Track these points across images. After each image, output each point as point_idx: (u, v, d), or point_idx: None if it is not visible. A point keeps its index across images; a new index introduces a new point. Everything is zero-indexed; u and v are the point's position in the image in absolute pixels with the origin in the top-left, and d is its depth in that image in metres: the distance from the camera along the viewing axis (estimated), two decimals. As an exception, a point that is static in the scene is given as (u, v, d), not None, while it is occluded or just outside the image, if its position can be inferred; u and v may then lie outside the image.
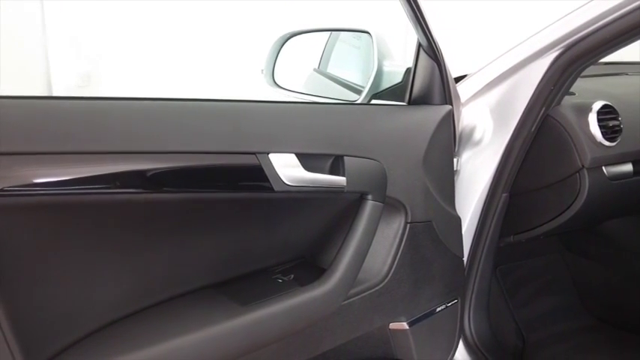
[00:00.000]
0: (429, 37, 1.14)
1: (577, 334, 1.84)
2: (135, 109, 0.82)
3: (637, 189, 1.44)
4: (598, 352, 1.74)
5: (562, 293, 1.99)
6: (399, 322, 1.21)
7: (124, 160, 0.78)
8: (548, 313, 1.91)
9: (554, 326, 1.87)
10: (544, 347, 1.77)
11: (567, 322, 1.90)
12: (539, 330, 1.84)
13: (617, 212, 1.69)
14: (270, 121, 0.95)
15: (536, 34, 1.25)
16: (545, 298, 1.95)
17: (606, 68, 1.72)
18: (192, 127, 0.85)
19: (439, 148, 1.20)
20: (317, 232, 1.10)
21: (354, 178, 1.00)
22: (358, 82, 1.50)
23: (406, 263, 1.16)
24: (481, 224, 1.40)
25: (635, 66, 1.89)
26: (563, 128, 1.31)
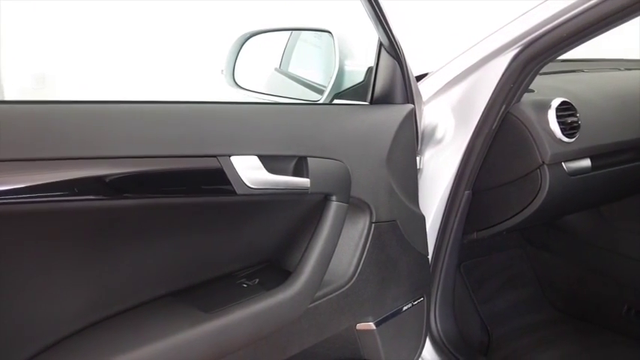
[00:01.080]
0: (389, 35, 1.13)
1: (540, 327, 1.88)
2: (89, 112, 0.79)
3: (595, 184, 1.47)
4: (560, 343, 1.77)
5: (525, 287, 2.02)
6: (365, 322, 1.20)
7: (80, 166, 0.75)
8: (512, 307, 1.94)
9: (518, 320, 1.90)
10: (509, 341, 1.80)
11: (531, 315, 1.93)
12: (503, 324, 1.87)
13: (577, 207, 1.73)
14: (232, 123, 0.93)
15: (494, 33, 1.26)
16: (508, 292, 1.98)
17: (563, 65, 1.76)
18: (150, 130, 0.82)
19: (402, 147, 1.20)
20: (281, 234, 1.08)
21: (318, 179, 0.99)
22: (320, 81, 1.48)
23: (372, 263, 1.16)
24: (445, 222, 1.41)
25: (591, 63, 1.94)
26: (523, 125, 1.32)
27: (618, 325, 1.82)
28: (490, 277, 1.98)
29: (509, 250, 2.06)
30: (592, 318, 1.89)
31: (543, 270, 2.04)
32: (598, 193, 1.63)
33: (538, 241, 2.05)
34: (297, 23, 1.73)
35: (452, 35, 2.82)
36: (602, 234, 1.87)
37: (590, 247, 1.90)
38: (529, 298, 2.00)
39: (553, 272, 2.02)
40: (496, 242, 1.99)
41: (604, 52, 1.96)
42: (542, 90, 1.43)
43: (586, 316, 1.91)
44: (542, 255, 2.05)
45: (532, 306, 1.98)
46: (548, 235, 2.01)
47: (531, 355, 1.72)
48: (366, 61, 1.29)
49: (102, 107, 0.81)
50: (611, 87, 1.60)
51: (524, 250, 2.08)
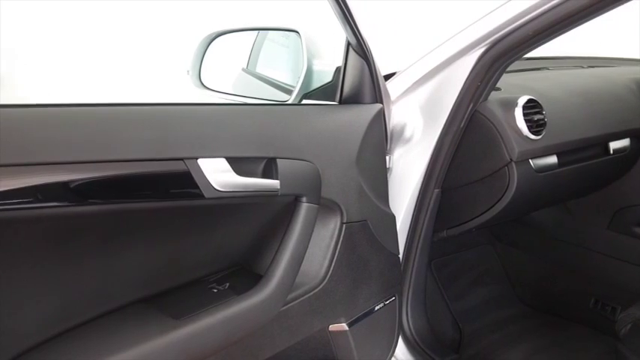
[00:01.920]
0: (357, 35, 1.13)
1: (510, 322, 1.90)
2: (50, 115, 0.77)
3: (562, 180, 1.49)
4: (530, 338, 1.79)
5: (494, 283, 2.04)
6: (338, 323, 1.20)
7: (43, 172, 0.72)
8: (482, 303, 1.97)
9: (488, 316, 1.92)
10: (479, 337, 1.82)
11: (501, 311, 1.96)
12: (474, 320, 1.89)
13: (544, 203, 1.75)
14: (198, 125, 0.91)
15: (461, 32, 1.27)
16: (478, 288, 2.00)
17: (528, 63, 1.78)
18: (114, 134, 0.80)
19: (371, 146, 1.20)
20: (252, 237, 1.07)
21: (288, 180, 0.98)
22: (288, 81, 1.47)
23: (343, 264, 1.15)
24: (415, 220, 1.42)
25: (555, 61, 1.97)
26: (491, 123, 1.33)
27: (586, 318, 1.85)
28: (460, 274, 1.99)
29: (479, 246, 2.08)
30: (560, 312, 1.92)
31: (512, 266, 2.07)
32: (564, 189, 1.65)
33: (506, 237, 2.08)
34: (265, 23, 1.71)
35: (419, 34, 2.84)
36: (568, 229, 1.90)
37: (558, 243, 1.93)
38: (499, 294, 2.02)
39: (521, 268, 2.05)
40: (465, 239, 2.01)
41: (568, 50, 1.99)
42: (509, 88, 1.45)
43: (554, 310, 1.94)
44: (510, 251, 2.08)
45: (502, 302, 2.00)
46: (516, 232, 2.04)
47: (502, 350, 1.74)
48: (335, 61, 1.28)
49: (62, 111, 0.78)
50: (575, 84, 1.63)
51: (493, 246, 2.11)
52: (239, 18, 3.32)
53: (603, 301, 1.82)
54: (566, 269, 1.93)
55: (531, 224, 1.97)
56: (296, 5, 3.55)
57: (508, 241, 2.08)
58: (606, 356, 1.64)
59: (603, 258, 1.81)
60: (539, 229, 1.97)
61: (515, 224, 2.01)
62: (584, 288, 1.87)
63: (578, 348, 1.72)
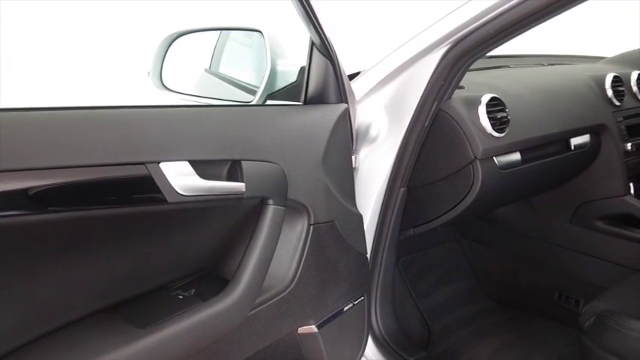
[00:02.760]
0: (321, 35, 1.12)
1: (477, 317, 1.92)
2: (4, 120, 0.73)
3: (525, 176, 1.51)
4: (497, 333, 1.82)
5: (461, 279, 2.06)
6: (307, 325, 1.19)
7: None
8: (450, 299, 1.98)
9: (456, 312, 1.94)
10: (448, 334, 1.83)
11: (468, 306, 1.98)
12: (442, 317, 1.90)
13: (509, 199, 1.78)
14: (160, 128, 0.89)
15: (424, 31, 1.27)
16: (445, 285, 2.02)
17: (490, 61, 1.80)
18: (72, 139, 0.77)
19: (337, 147, 1.19)
20: (218, 242, 1.05)
21: (254, 182, 0.96)
22: (252, 82, 1.46)
23: (311, 266, 1.14)
24: (382, 219, 1.42)
25: (516, 59, 2.00)
26: (455, 122, 1.34)
27: (551, 311, 1.89)
28: (427, 271, 2.01)
29: (445, 243, 2.10)
30: (526, 306, 1.95)
31: (478, 262, 2.09)
32: (528, 186, 1.68)
33: (472, 233, 2.10)
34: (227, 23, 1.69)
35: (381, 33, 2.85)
36: (532, 224, 1.93)
37: (522, 238, 1.96)
38: (466, 290, 2.05)
39: (487, 263, 2.07)
40: (432, 237, 2.03)
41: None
42: (472, 86, 1.46)
43: (520, 304, 1.97)
44: (476, 247, 2.10)
45: (469, 297, 2.03)
46: (481, 228, 2.06)
47: (470, 345, 1.76)
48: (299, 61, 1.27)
49: (18, 115, 0.75)
50: (536, 82, 1.65)
51: (459, 243, 2.13)
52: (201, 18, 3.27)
53: (567, 295, 1.85)
54: (531, 264, 1.96)
55: (496, 220, 2.00)
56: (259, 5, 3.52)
57: (473, 237, 2.10)
58: (571, 348, 1.67)
59: (566, 252, 1.85)
60: (504, 225, 1.99)
61: (480, 221, 2.04)
62: (548, 282, 1.91)
63: (543, 341, 1.75)
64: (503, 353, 1.71)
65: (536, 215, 1.92)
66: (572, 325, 1.67)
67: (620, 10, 3.16)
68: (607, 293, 1.31)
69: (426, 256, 2.02)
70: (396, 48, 1.34)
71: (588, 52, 2.37)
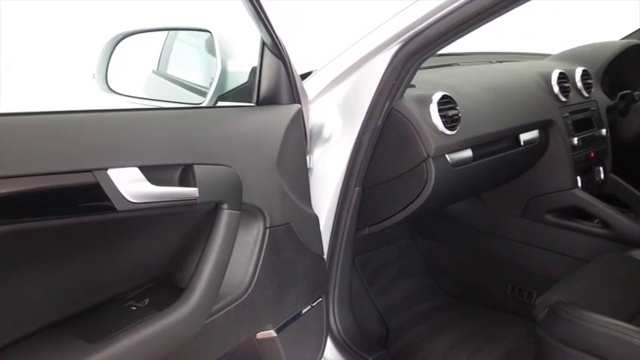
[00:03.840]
0: (272, 35, 1.10)
1: (434, 313, 1.94)
2: None
3: (477, 173, 1.54)
4: (453, 327, 1.84)
5: (417, 276, 2.08)
6: (265, 330, 1.17)
7: None
8: (407, 296, 2.00)
9: (413, 309, 1.95)
10: (405, 330, 1.84)
11: (424, 302, 2.00)
12: (400, 314, 1.91)
13: (461, 195, 1.80)
14: (107, 133, 0.85)
15: (375, 30, 1.27)
16: (402, 282, 2.03)
17: (440, 60, 1.82)
18: (14, 146, 0.73)
19: (292, 148, 1.18)
20: (171, 249, 1.02)
21: (207, 187, 0.94)
22: (202, 83, 1.43)
23: (268, 269, 1.13)
24: (337, 219, 1.41)
25: (465, 56, 2.03)
26: (407, 120, 1.35)
27: (505, 304, 1.92)
28: (383, 269, 2.02)
29: (400, 241, 2.11)
30: (481, 300, 1.99)
31: (433, 258, 2.11)
32: (479, 182, 1.70)
33: (426, 230, 2.12)
34: (175, 23, 1.65)
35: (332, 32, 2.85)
36: (484, 219, 1.96)
37: (475, 233, 1.99)
38: (422, 287, 2.06)
39: (442, 259, 2.10)
40: (387, 234, 2.04)
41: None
42: (423, 85, 1.47)
43: (475, 298, 2.00)
44: (431, 244, 2.12)
45: (425, 294, 2.04)
46: (435, 224, 2.09)
47: (428, 341, 1.78)
48: (250, 61, 1.25)
49: None
50: (485, 80, 1.68)
51: (414, 239, 2.14)
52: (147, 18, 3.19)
53: (520, 287, 1.90)
54: (484, 258, 1.99)
55: (449, 216, 2.02)
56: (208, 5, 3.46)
57: (428, 233, 2.12)
58: (526, 339, 1.71)
59: (518, 245, 1.89)
60: (457, 221, 2.02)
61: (433, 217, 2.06)
62: (501, 275, 1.94)
63: (499, 333, 1.79)
64: (461, 347, 1.73)
65: (488, 210, 1.95)
66: (526, 317, 1.71)
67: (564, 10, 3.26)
68: (559, 285, 1.34)
69: (381, 254, 2.02)
70: (347, 47, 1.34)
71: (534, 49, 2.43)
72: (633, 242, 1.64)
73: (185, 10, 3.54)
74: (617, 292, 1.33)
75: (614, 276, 1.41)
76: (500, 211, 1.93)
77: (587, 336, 1.15)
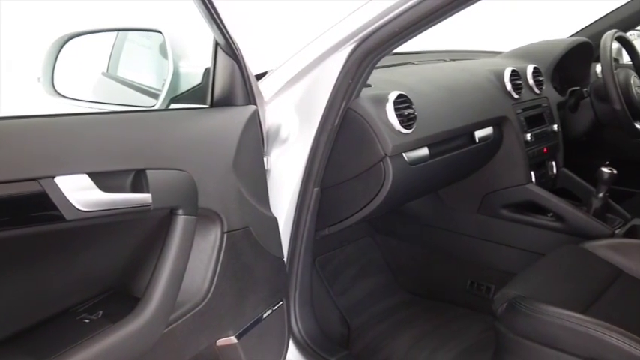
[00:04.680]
0: (225, 35, 1.08)
1: (395, 310, 1.95)
2: None
3: (433, 170, 1.55)
4: (415, 324, 1.85)
5: (377, 274, 2.09)
6: (226, 337, 1.15)
7: None
8: (367, 295, 2.00)
9: (373, 307, 1.96)
10: (367, 329, 1.84)
11: (385, 300, 2.00)
12: (361, 313, 1.91)
13: (419, 193, 1.81)
14: (53, 139, 0.82)
15: (330, 29, 1.26)
16: (362, 281, 2.03)
17: (394, 59, 1.82)
18: None
19: (248, 150, 1.16)
20: (126, 258, 0.99)
21: (161, 193, 0.91)
22: (154, 85, 1.39)
23: (227, 275, 1.10)
24: (297, 221, 1.40)
25: (419, 55, 2.04)
26: (364, 120, 1.34)
27: (464, 299, 1.94)
28: (344, 268, 2.01)
29: (359, 239, 2.11)
30: (440, 296, 2.00)
31: (392, 255, 2.12)
32: (436, 179, 1.72)
33: (385, 228, 2.13)
34: (124, 23, 1.60)
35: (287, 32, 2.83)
36: (442, 216, 1.98)
37: (433, 229, 2.01)
38: (382, 285, 2.07)
39: (401, 257, 2.11)
40: (346, 234, 2.03)
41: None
42: (379, 84, 1.47)
43: (435, 294, 2.02)
44: (390, 241, 2.13)
45: (385, 291, 2.05)
46: (393, 222, 2.10)
47: (389, 339, 1.78)
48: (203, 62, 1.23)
49: None
50: (440, 78, 1.69)
51: (373, 238, 2.15)
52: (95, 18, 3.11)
53: (478, 282, 1.92)
54: (442, 254, 2.01)
55: (407, 214, 2.04)
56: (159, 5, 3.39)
57: (386, 231, 2.13)
58: (486, 333, 1.73)
59: (475, 241, 1.92)
60: (415, 218, 2.04)
61: (392, 215, 2.07)
62: (459, 271, 1.96)
63: (459, 328, 1.81)
64: (422, 343, 1.75)
65: (445, 207, 1.97)
66: (485, 311, 1.73)
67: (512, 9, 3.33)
68: (516, 279, 1.36)
69: (341, 253, 2.02)
70: (302, 47, 1.32)
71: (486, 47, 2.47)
72: (585, 234, 1.69)
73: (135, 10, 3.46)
74: (571, 284, 1.36)
75: (569, 268, 1.44)
76: (456, 207, 1.95)
77: (545, 329, 1.17)
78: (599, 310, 1.25)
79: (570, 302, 1.25)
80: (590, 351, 1.11)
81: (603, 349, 1.09)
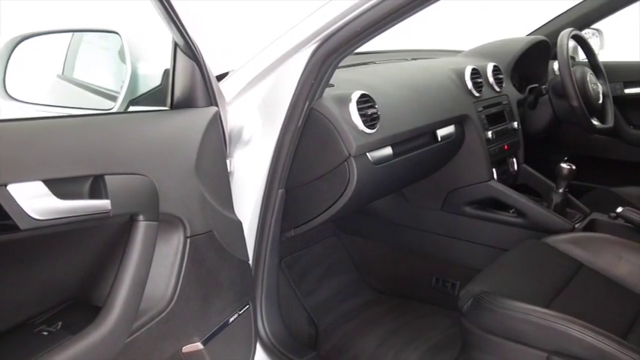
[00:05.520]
0: (185, 36, 1.06)
1: (362, 309, 1.96)
2: None
3: (397, 169, 1.55)
4: (382, 322, 1.86)
5: (344, 273, 2.09)
6: (192, 343, 1.13)
7: None
8: (334, 295, 2.00)
9: (341, 307, 1.96)
10: (335, 329, 1.84)
11: (352, 300, 2.01)
12: (328, 313, 1.91)
13: (383, 192, 1.82)
14: (5, 145, 0.78)
15: (292, 28, 1.25)
16: (329, 281, 2.03)
17: (356, 58, 1.82)
18: None
19: (211, 152, 1.14)
20: (85, 266, 0.96)
21: (120, 198, 0.88)
22: (112, 87, 1.36)
23: (192, 280, 1.08)
24: (262, 223, 1.39)
25: (381, 54, 2.05)
26: (327, 120, 1.34)
27: (430, 296, 1.96)
28: (310, 269, 2.01)
29: (325, 239, 2.11)
30: (407, 293, 2.02)
31: (358, 254, 2.13)
32: (400, 178, 1.72)
33: (350, 227, 2.13)
34: (79, 24, 1.56)
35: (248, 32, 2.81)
36: (406, 214, 1.99)
37: (398, 228, 2.02)
38: (349, 284, 2.07)
39: (367, 255, 2.11)
40: (312, 234, 2.03)
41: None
42: (342, 84, 1.47)
43: (401, 292, 2.03)
44: (355, 240, 2.13)
45: (352, 291, 2.05)
46: (359, 221, 2.10)
47: (357, 338, 1.78)
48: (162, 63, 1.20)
49: None
50: (402, 77, 1.70)
51: (339, 237, 2.15)
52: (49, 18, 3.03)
53: (444, 279, 1.94)
54: (408, 252, 2.02)
55: (372, 213, 2.04)
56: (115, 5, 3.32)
57: (352, 230, 2.13)
58: (452, 329, 1.75)
59: (440, 238, 1.93)
60: (380, 217, 2.04)
61: (357, 214, 2.07)
62: (425, 268, 1.98)
63: (427, 325, 1.82)
64: (390, 342, 1.75)
65: (409, 205, 1.98)
66: (451, 308, 1.75)
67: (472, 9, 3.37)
68: (481, 275, 1.37)
69: (308, 254, 2.01)
70: (264, 47, 1.31)
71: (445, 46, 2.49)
72: (547, 229, 1.72)
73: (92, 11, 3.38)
74: (535, 279, 1.38)
75: (531, 263, 1.46)
76: (421, 205, 1.96)
77: (510, 324, 1.19)
78: (562, 304, 1.28)
79: (534, 297, 1.27)
80: (554, 344, 1.13)
81: (566, 342, 1.11)
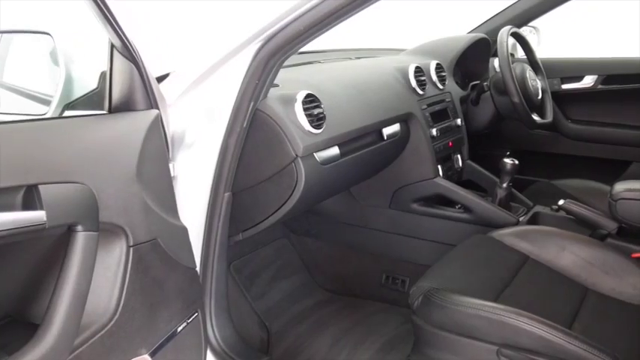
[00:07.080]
0: (121, 36, 1.02)
1: (314, 310, 1.95)
2: None
3: (345, 169, 1.55)
4: (334, 322, 1.86)
5: (294, 275, 2.07)
6: (139, 356, 1.09)
7: None
8: (285, 297, 1.98)
9: (292, 309, 1.94)
10: (287, 332, 1.83)
11: (303, 301, 2.00)
12: (280, 316, 1.89)
13: (332, 192, 1.81)
14: None
15: (234, 28, 1.23)
16: (279, 283, 2.01)
17: (301, 58, 1.81)
18: None
19: (152, 157, 1.10)
20: (21, 282, 0.91)
21: (56, 209, 0.84)
22: (45, 91, 1.29)
23: (136, 291, 1.04)
24: (208, 228, 1.36)
25: (325, 54, 2.04)
26: (273, 121, 1.32)
27: (380, 293, 1.97)
28: (260, 271, 1.98)
29: (275, 241, 2.09)
30: (358, 292, 2.02)
31: (308, 255, 2.12)
32: (348, 177, 1.73)
33: (300, 228, 2.12)
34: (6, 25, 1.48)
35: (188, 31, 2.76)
36: (354, 213, 2.00)
37: (347, 227, 2.02)
38: (300, 285, 2.06)
39: (317, 255, 2.11)
40: (261, 236, 2.00)
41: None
42: (286, 84, 1.45)
43: (352, 291, 2.03)
44: (305, 241, 2.12)
45: (303, 292, 2.04)
46: (308, 221, 2.09)
47: (310, 340, 1.78)
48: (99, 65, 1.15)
49: None
50: (347, 76, 1.70)
51: (289, 239, 2.13)
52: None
53: (393, 276, 1.95)
54: (357, 251, 2.03)
55: (321, 213, 2.04)
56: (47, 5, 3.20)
57: (301, 231, 2.12)
58: (404, 326, 1.77)
59: (388, 236, 1.95)
60: (329, 217, 2.04)
61: (306, 214, 2.07)
62: (375, 266, 1.99)
63: (378, 323, 1.83)
64: (343, 342, 1.75)
65: (358, 204, 1.98)
66: (402, 305, 1.76)
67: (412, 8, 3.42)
68: (430, 272, 1.39)
69: (257, 257, 1.99)
70: (206, 47, 1.28)
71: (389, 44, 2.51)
72: (492, 224, 1.75)
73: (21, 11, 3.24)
74: (483, 273, 1.40)
75: (479, 258, 1.48)
76: (368, 203, 1.97)
77: (460, 319, 1.20)
78: (510, 297, 1.30)
79: (482, 291, 1.29)
80: (503, 337, 1.15)
81: (516, 334, 1.13)
